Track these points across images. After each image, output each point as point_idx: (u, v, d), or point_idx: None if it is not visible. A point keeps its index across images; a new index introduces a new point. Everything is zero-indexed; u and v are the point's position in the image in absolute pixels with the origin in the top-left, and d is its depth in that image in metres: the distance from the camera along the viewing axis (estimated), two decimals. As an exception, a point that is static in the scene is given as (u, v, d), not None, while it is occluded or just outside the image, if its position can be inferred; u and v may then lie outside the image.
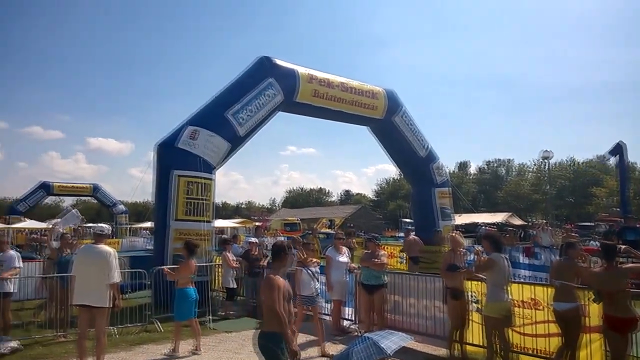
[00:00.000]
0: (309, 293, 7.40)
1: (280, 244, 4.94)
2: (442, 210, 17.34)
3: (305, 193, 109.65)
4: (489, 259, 6.17)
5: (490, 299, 6.01)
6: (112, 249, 6.57)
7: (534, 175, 75.70)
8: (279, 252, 4.65)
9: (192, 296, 7.44)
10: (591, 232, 28.56)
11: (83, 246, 7.11)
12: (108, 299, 6.24)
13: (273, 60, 12.49)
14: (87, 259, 6.35)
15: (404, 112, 16.00)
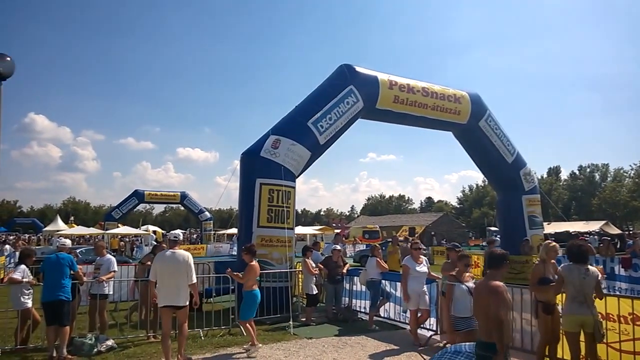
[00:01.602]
0: (465, 314, 6.27)
1: (501, 252, 4.74)
2: (531, 218, 16.54)
3: (385, 200, 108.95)
4: (558, 272, 6.00)
5: (564, 312, 5.83)
6: (188, 253, 7.20)
7: (633, 181, 69.84)
8: (500, 260, 4.51)
9: (258, 298, 7.84)
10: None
11: (160, 252, 7.57)
12: (187, 298, 6.94)
13: (354, 67, 12.60)
14: (166, 263, 6.93)
15: (489, 116, 15.47)
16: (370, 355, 7.43)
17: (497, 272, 4.41)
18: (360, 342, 8.23)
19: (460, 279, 6.48)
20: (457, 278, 6.49)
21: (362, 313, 10.36)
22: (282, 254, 10.68)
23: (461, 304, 6.24)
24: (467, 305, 6.11)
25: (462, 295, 6.26)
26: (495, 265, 4.47)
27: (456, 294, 6.32)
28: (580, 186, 78.19)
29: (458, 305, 6.28)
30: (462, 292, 6.28)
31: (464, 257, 7.00)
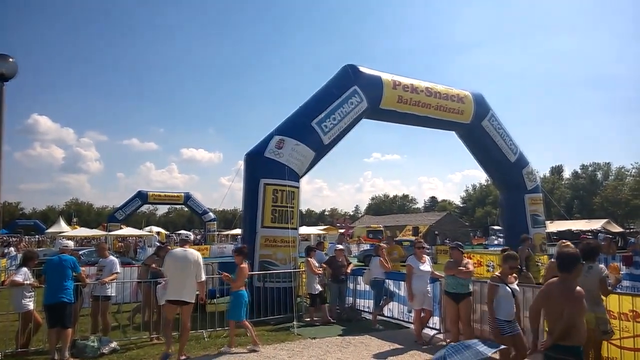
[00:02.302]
0: (509, 317, 5.90)
1: (575, 252, 4.70)
2: (534, 217, 16.57)
3: (389, 200, 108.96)
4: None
5: None
6: (198, 252, 7.47)
7: (634, 180, 69.69)
8: (574, 262, 4.44)
9: (245, 298, 7.93)
10: None
11: (172, 250, 7.88)
12: (193, 296, 7.18)
13: (358, 68, 12.65)
14: (177, 260, 7.21)
15: (492, 115, 15.50)
16: (374, 354, 7.48)
17: (570, 275, 4.38)
18: (364, 342, 8.28)
19: (505, 280, 6.01)
20: (502, 279, 6.01)
21: (365, 312, 10.41)
22: (286, 254, 10.73)
23: (506, 306, 5.85)
24: (512, 308, 5.86)
25: (507, 298, 5.86)
26: (567, 268, 4.38)
27: (500, 296, 5.87)
28: (582, 185, 78.05)
29: (502, 308, 5.84)
30: (507, 294, 5.87)
31: (511, 258, 6.30)
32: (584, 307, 4.23)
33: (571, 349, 4.12)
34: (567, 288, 4.26)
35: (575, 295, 4.21)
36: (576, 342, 4.15)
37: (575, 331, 4.12)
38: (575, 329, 4.12)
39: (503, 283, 5.90)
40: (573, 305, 4.16)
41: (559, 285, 4.34)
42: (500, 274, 6.08)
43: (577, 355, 4.12)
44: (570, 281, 4.33)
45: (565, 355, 4.11)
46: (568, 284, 4.30)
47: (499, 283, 5.91)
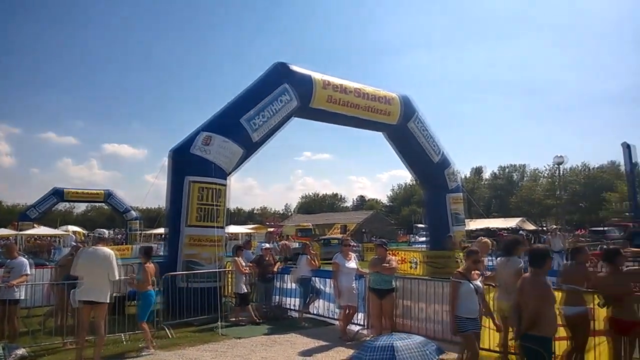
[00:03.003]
0: (471, 314, 5.71)
1: (544, 248, 4.99)
2: (455, 215, 17.35)
3: (319, 199, 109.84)
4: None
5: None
6: (112, 251, 7.21)
7: (547, 181, 75.18)
8: (544, 257, 4.72)
9: (152, 300, 7.81)
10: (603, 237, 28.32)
11: (84, 248, 7.59)
12: (108, 296, 6.93)
13: (288, 66, 12.63)
14: (90, 259, 6.93)
15: (417, 117, 16.03)
16: (300, 352, 7.50)
17: (541, 270, 4.63)
18: (290, 340, 8.29)
19: (469, 276, 5.84)
20: (465, 275, 5.82)
21: (292, 311, 10.42)
22: (211, 253, 10.52)
23: (467, 303, 5.67)
24: (474, 305, 5.71)
25: (469, 295, 5.68)
26: (537, 262, 4.65)
27: (462, 292, 5.69)
28: (500, 185, 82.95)
29: (464, 305, 5.67)
30: (469, 291, 5.68)
31: (473, 252, 6.17)
32: (552, 299, 4.51)
33: (540, 339, 4.37)
34: (537, 282, 4.54)
35: (544, 288, 4.48)
36: (544, 333, 4.40)
37: (544, 322, 4.37)
38: (544, 320, 4.37)
39: (466, 279, 5.76)
40: (540, 297, 4.41)
41: (530, 279, 4.62)
42: (462, 270, 5.95)
43: (544, 344, 4.38)
44: (540, 275, 4.60)
45: (533, 345, 4.38)
46: (538, 278, 4.57)
47: (461, 279, 5.75)
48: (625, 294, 5.32)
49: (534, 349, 4.36)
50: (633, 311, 5.34)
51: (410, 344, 4.06)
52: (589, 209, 68.47)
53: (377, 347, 3.99)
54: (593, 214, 65.63)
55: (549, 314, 4.44)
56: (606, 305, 5.43)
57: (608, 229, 35.18)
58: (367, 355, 3.95)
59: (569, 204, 66.25)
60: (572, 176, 72.04)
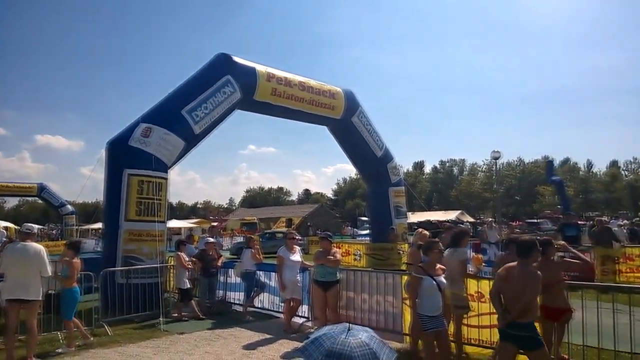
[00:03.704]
0: (433, 312, 5.36)
1: (531, 240, 4.95)
2: (397, 208, 17.72)
3: (264, 192, 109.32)
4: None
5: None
6: (41, 246, 6.93)
7: (485, 175, 78.40)
8: (531, 248, 4.76)
9: (77, 296, 7.55)
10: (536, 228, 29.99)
11: (11, 244, 7.25)
12: (40, 293, 6.69)
13: (231, 57, 12.40)
14: (18, 256, 6.61)
15: (361, 112, 16.22)
16: (244, 346, 7.45)
17: (528, 260, 4.74)
18: (234, 334, 8.22)
19: (431, 271, 5.45)
20: (426, 271, 5.44)
21: (236, 305, 10.33)
22: (152, 248, 10.22)
23: (429, 301, 5.33)
24: (437, 302, 5.35)
25: (431, 291, 5.32)
26: (526, 253, 4.74)
27: (423, 289, 5.34)
28: (440, 179, 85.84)
29: (425, 303, 5.35)
30: (431, 287, 5.32)
31: (434, 244, 5.72)
32: (539, 289, 4.64)
33: (527, 326, 4.55)
34: (526, 272, 4.66)
35: (536, 279, 4.60)
36: (530, 318, 4.58)
37: (532, 310, 4.57)
38: (533, 308, 4.57)
39: (427, 275, 5.36)
40: (530, 287, 4.55)
41: (518, 269, 4.73)
42: (423, 265, 5.54)
43: (530, 329, 4.57)
44: (528, 265, 4.73)
45: (521, 332, 4.54)
46: (526, 268, 4.70)
47: (422, 275, 5.36)
48: (556, 283, 5.63)
49: (527, 336, 4.55)
50: (563, 298, 5.66)
51: (367, 353, 3.77)
52: (523, 201, 72.14)
53: (335, 352, 3.69)
54: (527, 206, 69.27)
55: (535, 301, 4.65)
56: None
57: (541, 220, 37.30)
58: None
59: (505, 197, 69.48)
60: (508, 170, 75.63)
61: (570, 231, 13.22)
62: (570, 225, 13.81)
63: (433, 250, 5.58)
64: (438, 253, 5.59)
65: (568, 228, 13.56)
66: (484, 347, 6.51)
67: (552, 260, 5.90)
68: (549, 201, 59.04)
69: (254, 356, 6.92)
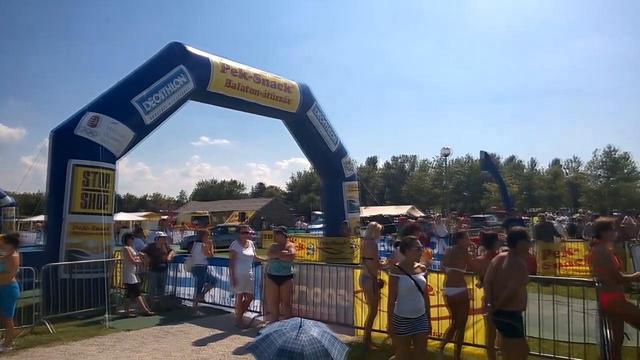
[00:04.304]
0: (411, 313, 4.87)
1: (519, 230, 5.06)
2: (350, 203, 17.92)
3: (217, 185, 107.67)
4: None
5: None
6: None
7: (435, 171, 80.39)
8: (517, 238, 4.84)
9: (16, 292, 7.18)
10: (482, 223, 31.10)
11: None
12: None
13: (184, 46, 12.12)
14: None
15: (316, 106, 16.27)
16: (194, 342, 7.32)
17: (515, 249, 4.84)
18: (184, 330, 8.05)
19: (409, 270, 4.99)
20: (403, 269, 4.99)
21: (186, 300, 10.13)
22: (98, 242, 9.85)
23: (406, 302, 4.87)
24: (416, 303, 4.90)
25: (409, 291, 4.87)
26: (512, 244, 4.88)
27: (400, 289, 4.89)
28: (393, 174, 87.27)
29: (402, 304, 4.88)
30: (409, 287, 4.87)
31: (411, 242, 5.23)
32: (525, 278, 4.73)
33: (510, 314, 4.62)
34: (515, 262, 4.75)
35: (520, 268, 4.69)
36: (515, 307, 4.64)
37: (517, 299, 4.62)
38: (518, 297, 4.63)
39: (405, 274, 4.92)
40: (518, 277, 4.63)
41: (507, 259, 4.84)
42: (400, 264, 5.12)
43: (516, 318, 4.63)
44: (515, 255, 4.83)
45: (507, 319, 4.63)
46: (515, 258, 4.79)
47: (399, 274, 4.94)
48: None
49: (506, 322, 4.65)
50: (505, 290, 5.87)
51: (318, 350, 3.77)
52: (471, 197, 74.56)
53: (286, 350, 3.66)
54: (475, 202, 71.62)
55: (522, 291, 4.70)
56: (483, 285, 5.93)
57: (487, 216, 38.65)
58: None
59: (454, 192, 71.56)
60: (457, 167, 77.76)
61: (514, 226, 13.73)
62: (515, 220, 14.36)
63: (411, 247, 5.12)
64: (417, 251, 5.13)
65: (513, 223, 14.09)
66: (432, 339, 6.65)
67: (497, 254, 6.09)
68: (495, 197, 61.24)
69: (204, 352, 6.80)
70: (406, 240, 5.32)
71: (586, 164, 68.11)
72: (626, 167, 60.65)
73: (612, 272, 5.11)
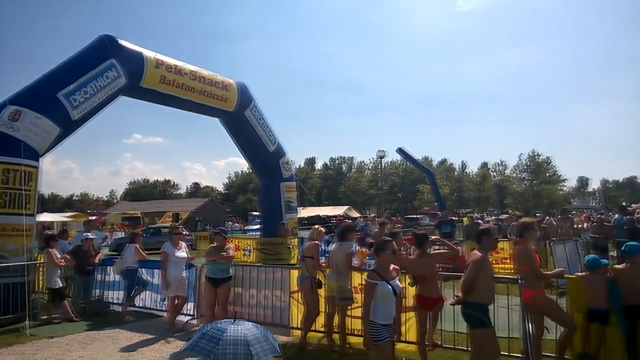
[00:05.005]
0: (388, 320, 4.62)
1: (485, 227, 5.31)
2: (288, 203, 17.91)
3: (149, 185, 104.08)
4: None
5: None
6: None
7: (371, 173, 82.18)
8: (481, 234, 5.06)
9: None
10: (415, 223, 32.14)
11: None
12: None
13: (116, 39, 11.63)
14: None
15: (255, 106, 16.15)
16: (122, 348, 7.03)
17: (480, 245, 5.03)
18: (112, 335, 7.72)
19: (386, 275, 4.68)
20: (381, 275, 4.66)
21: (115, 305, 9.71)
22: (19, 244, 9.20)
23: (384, 308, 4.57)
24: (391, 310, 4.64)
25: (386, 297, 4.59)
26: (478, 240, 5.10)
27: (378, 295, 4.56)
28: (330, 175, 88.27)
29: (379, 310, 4.56)
30: (386, 293, 4.58)
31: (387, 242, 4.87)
32: (487, 271, 4.83)
33: (476, 305, 4.72)
34: (474, 255, 4.92)
35: (479, 260, 4.83)
36: (480, 299, 4.74)
37: (479, 290, 4.73)
38: (479, 288, 4.73)
39: (382, 280, 4.62)
40: (474, 268, 4.78)
41: (472, 253, 5.03)
42: (376, 269, 4.79)
43: (481, 310, 4.72)
44: (479, 250, 4.98)
45: (469, 309, 4.75)
46: (477, 252, 4.95)
47: (377, 280, 4.62)
48: (431, 274, 6.05)
49: (471, 313, 4.75)
50: (436, 289, 6.10)
51: (258, 335, 3.92)
52: (405, 198, 76.83)
53: (229, 339, 3.69)
54: (409, 203, 73.84)
55: (484, 283, 4.79)
56: (415, 284, 6.13)
57: (420, 216, 39.96)
58: (219, 350, 3.67)
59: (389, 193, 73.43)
60: (392, 169, 79.92)
61: (445, 228, 14.35)
62: (446, 222, 14.99)
63: (385, 250, 4.77)
64: (391, 254, 4.81)
65: (444, 225, 14.71)
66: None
67: (427, 253, 6.33)
68: (427, 198, 63.46)
69: (132, 358, 6.55)
70: (380, 242, 4.95)
71: (512, 167, 72.11)
72: (548, 171, 64.64)
73: (533, 269, 5.43)
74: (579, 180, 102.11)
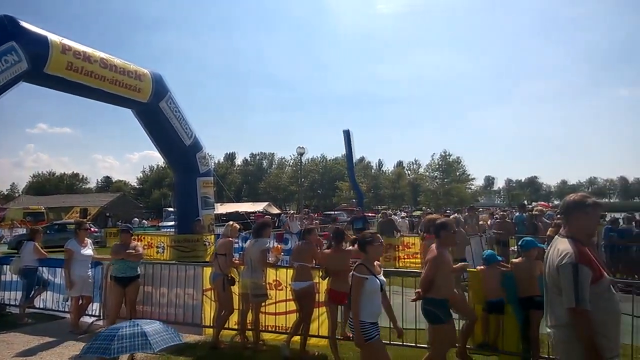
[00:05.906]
0: (374, 318, 4.46)
1: (444, 221, 5.17)
2: (205, 199, 17.51)
3: (55, 178, 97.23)
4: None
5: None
6: None
7: (292, 169, 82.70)
8: (439, 229, 4.95)
9: None
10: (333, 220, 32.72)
11: None
12: None
13: (18, 21, 10.76)
14: None
15: (170, 97, 15.61)
16: (19, 352, 6.55)
17: (438, 240, 4.97)
18: (7, 340, 7.16)
19: (373, 270, 4.52)
20: (370, 269, 4.48)
21: (12, 307, 9.01)
22: None
23: (372, 304, 4.44)
24: (377, 307, 4.50)
25: (374, 293, 4.46)
26: (436, 234, 5.03)
27: (367, 291, 4.40)
28: (251, 171, 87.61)
29: (368, 307, 4.39)
30: (375, 289, 4.45)
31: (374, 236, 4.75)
32: (445, 266, 4.79)
33: (433, 301, 4.73)
34: (432, 250, 4.90)
35: (436, 255, 4.79)
36: (438, 295, 4.73)
37: (437, 286, 4.71)
38: (436, 284, 4.70)
39: (372, 274, 4.47)
40: (432, 264, 4.76)
41: (429, 249, 5.00)
42: (364, 262, 4.56)
43: (439, 305, 4.73)
44: (438, 245, 4.93)
45: (427, 305, 4.77)
46: (435, 247, 4.90)
47: (367, 275, 4.44)
48: (345, 270, 6.18)
49: (429, 309, 4.77)
50: (348, 284, 6.24)
51: (157, 328, 4.07)
52: (324, 195, 78.12)
53: (126, 334, 3.81)
54: (328, 199, 75.15)
55: (442, 279, 4.76)
56: (327, 277, 6.25)
57: (338, 212, 40.74)
58: (115, 345, 3.73)
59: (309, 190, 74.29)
60: (312, 166, 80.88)
61: (357, 224, 14.81)
62: (358, 219, 15.47)
63: (373, 243, 4.61)
64: (379, 246, 4.70)
65: (357, 221, 15.18)
66: (280, 333, 6.84)
67: (343, 249, 6.49)
68: (346, 195, 64.95)
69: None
70: (366, 235, 4.78)
71: (425, 166, 75.59)
72: (458, 170, 68.40)
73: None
74: (486, 179, 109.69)
